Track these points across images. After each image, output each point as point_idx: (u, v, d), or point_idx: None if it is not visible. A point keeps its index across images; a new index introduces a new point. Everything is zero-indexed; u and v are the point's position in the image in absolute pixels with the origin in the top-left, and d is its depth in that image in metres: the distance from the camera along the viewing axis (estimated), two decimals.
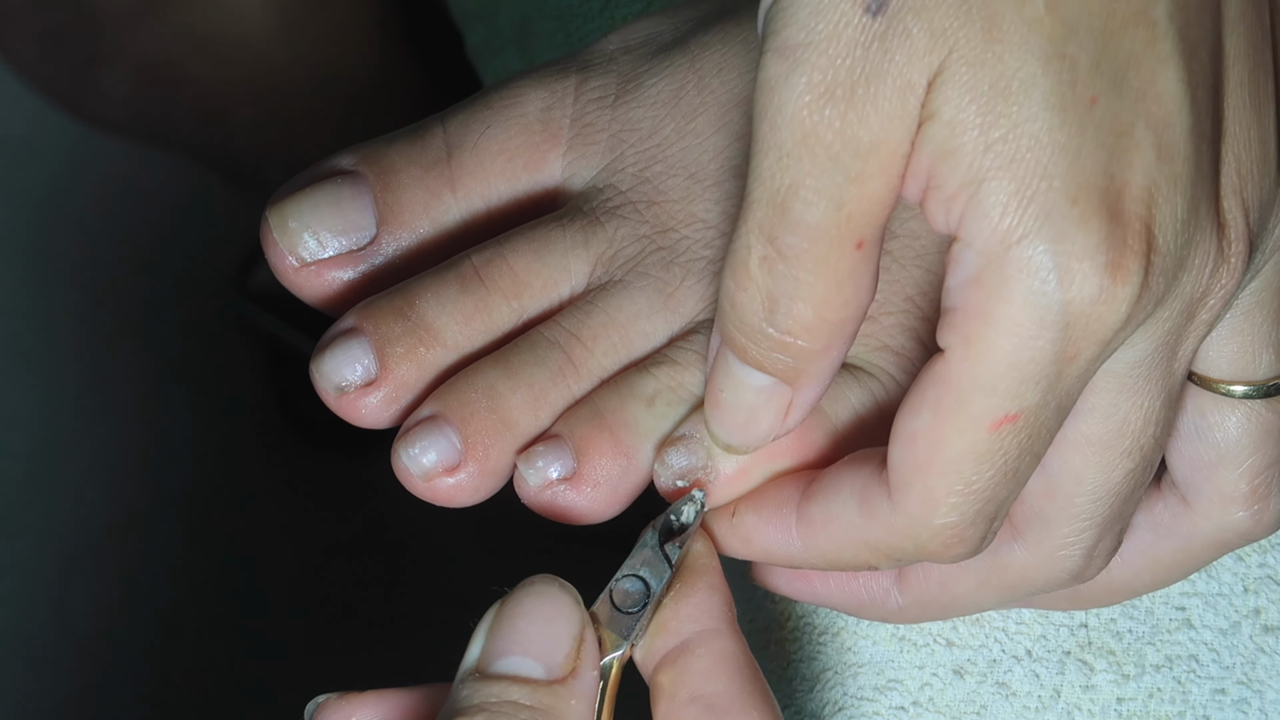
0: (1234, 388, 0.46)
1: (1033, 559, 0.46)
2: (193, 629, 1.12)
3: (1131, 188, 0.40)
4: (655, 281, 0.50)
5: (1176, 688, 0.52)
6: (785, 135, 0.40)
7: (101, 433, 1.14)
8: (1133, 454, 0.44)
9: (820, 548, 0.46)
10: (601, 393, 0.49)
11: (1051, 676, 0.52)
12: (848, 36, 0.40)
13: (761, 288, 0.42)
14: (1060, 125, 0.39)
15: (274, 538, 1.14)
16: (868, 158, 0.40)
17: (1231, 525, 0.47)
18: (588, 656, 0.44)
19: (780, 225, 0.41)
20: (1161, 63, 0.40)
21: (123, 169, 1.15)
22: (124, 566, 1.12)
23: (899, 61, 0.39)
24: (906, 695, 0.52)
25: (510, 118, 0.52)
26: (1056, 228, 0.39)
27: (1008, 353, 0.40)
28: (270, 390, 1.14)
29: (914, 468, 0.42)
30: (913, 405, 0.42)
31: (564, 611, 0.45)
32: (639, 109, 0.52)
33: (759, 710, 0.44)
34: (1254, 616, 0.52)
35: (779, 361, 0.43)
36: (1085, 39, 0.39)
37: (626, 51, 0.53)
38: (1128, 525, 0.46)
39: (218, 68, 1.01)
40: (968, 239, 0.40)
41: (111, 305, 1.15)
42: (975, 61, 0.39)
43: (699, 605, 0.46)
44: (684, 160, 0.51)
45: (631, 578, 0.46)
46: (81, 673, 1.11)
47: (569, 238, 0.50)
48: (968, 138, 0.39)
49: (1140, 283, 0.40)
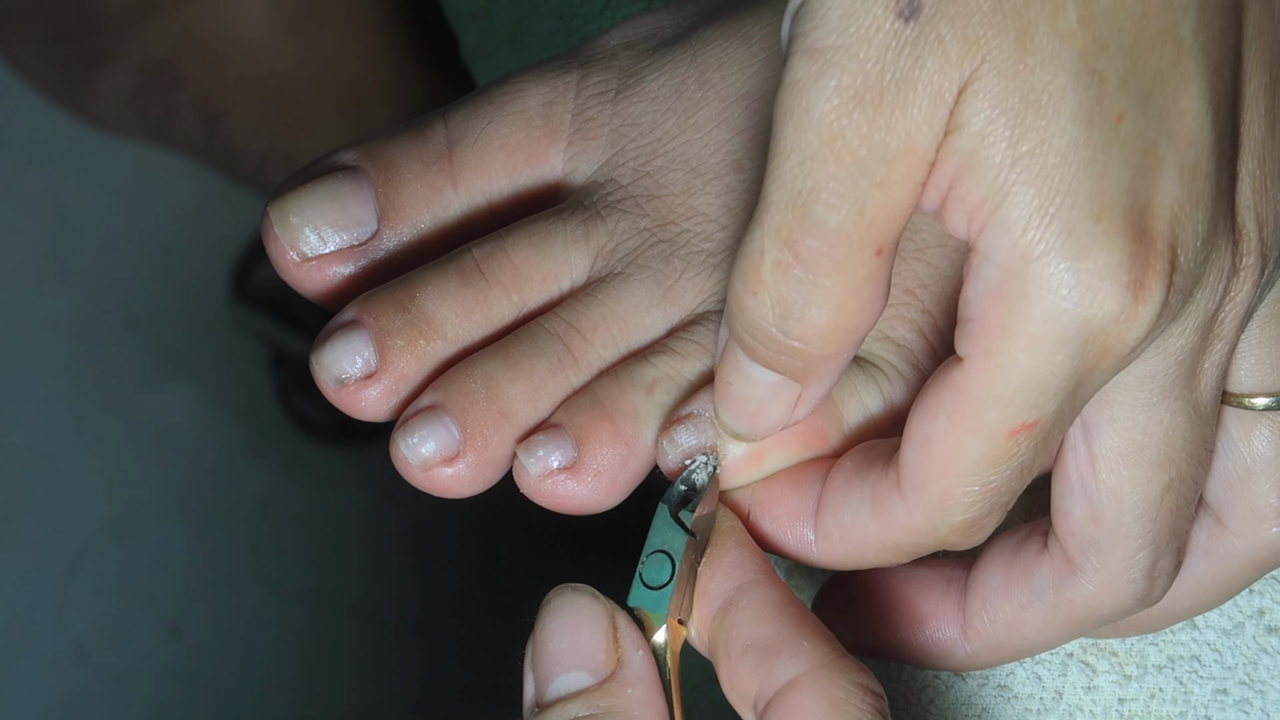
0: (1255, 400, 0.45)
1: (1095, 588, 0.45)
2: (193, 629, 1.12)
3: (1155, 206, 0.40)
4: (655, 274, 0.50)
5: (1178, 688, 0.52)
6: (811, 138, 0.40)
7: (101, 433, 1.14)
8: (1164, 466, 0.43)
9: (840, 557, 0.46)
10: (601, 382, 0.48)
11: (1054, 678, 0.52)
12: (879, 41, 0.39)
13: (773, 292, 0.41)
14: (1087, 141, 0.39)
15: (273, 537, 1.14)
16: (894, 163, 0.40)
17: (1267, 542, 0.46)
18: (628, 643, 0.44)
19: (800, 228, 0.41)
20: (1186, 81, 0.40)
21: (123, 169, 1.15)
22: (124, 566, 1.12)
23: (930, 69, 0.39)
24: (907, 696, 0.52)
25: (511, 113, 0.52)
26: (1079, 244, 0.39)
27: (1026, 366, 0.40)
28: (270, 390, 1.14)
29: (930, 470, 0.42)
30: (928, 409, 0.42)
31: (587, 613, 0.45)
32: (640, 104, 0.51)
33: (811, 640, 0.44)
34: (1258, 617, 0.52)
35: (788, 363, 0.43)
36: (1115, 55, 0.39)
37: (628, 47, 0.53)
38: (1185, 544, 0.46)
39: (218, 68, 1.01)
40: (988, 251, 0.40)
41: (111, 305, 1.15)
42: (1008, 73, 0.39)
43: (732, 563, 0.46)
44: (685, 154, 0.51)
45: (655, 554, 0.46)
46: (81, 673, 1.11)
47: (570, 231, 0.50)
48: (995, 150, 0.39)
49: (1162, 301, 0.40)
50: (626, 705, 0.43)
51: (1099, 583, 0.45)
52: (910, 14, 0.39)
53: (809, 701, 0.42)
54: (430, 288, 0.49)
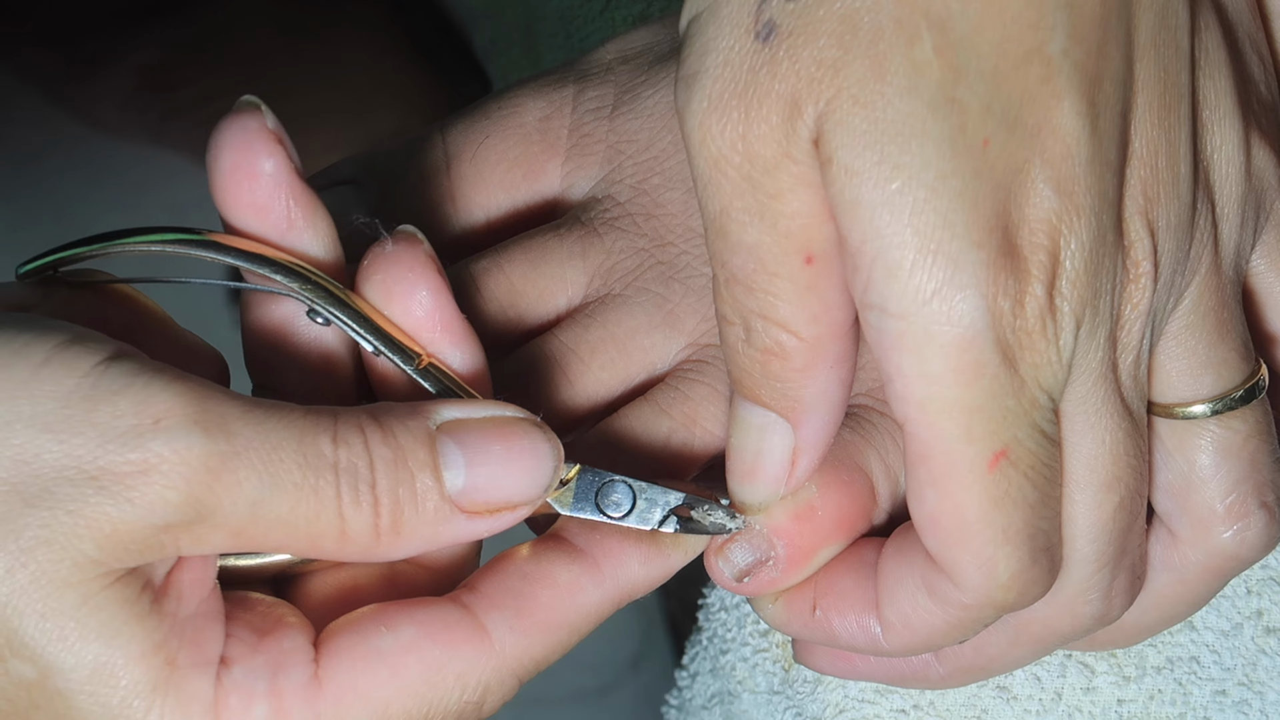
0: (1182, 410, 0.46)
1: (1053, 610, 0.45)
2: None
3: (1032, 221, 0.40)
4: (655, 297, 0.50)
5: (1177, 689, 0.52)
6: (701, 162, 0.41)
7: None
8: (1113, 487, 0.44)
9: (909, 644, 0.46)
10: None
11: (1053, 679, 0.52)
12: (737, 61, 0.40)
13: (734, 311, 0.42)
14: (954, 171, 0.39)
15: None
16: (775, 174, 0.41)
17: (1218, 549, 0.46)
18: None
19: (726, 249, 0.42)
20: (1057, 98, 0.40)
21: (123, 169, 1.15)
22: None
23: (788, 82, 0.40)
24: (907, 698, 0.52)
25: (509, 127, 0.52)
26: (967, 274, 0.40)
27: (963, 400, 0.41)
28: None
29: (953, 545, 0.42)
30: (916, 493, 0.42)
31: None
32: (636, 120, 0.52)
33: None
34: (1256, 618, 0.52)
35: (769, 388, 0.43)
36: (975, 81, 0.40)
37: (624, 61, 0.53)
38: (1142, 562, 0.46)
39: (218, 68, 1.01)
40: (882, 303, 0.40)
41: None
42: (864, 102, 0.40)
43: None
44: (682, 173, 0.51)
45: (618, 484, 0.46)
46: None
47: (566, 248, 0.50)
48: (864, 188, 0.40)
49: (1057, 307, 0.41)
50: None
51: (1056, 605, 0.45)
52: (767, 34, 0.40)
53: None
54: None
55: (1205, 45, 0.44)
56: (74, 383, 0.39)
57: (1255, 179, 0.45)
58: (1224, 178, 0.44)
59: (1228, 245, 0.45)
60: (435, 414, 0.42)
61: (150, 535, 0.39)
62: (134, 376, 0.39)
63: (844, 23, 0.40)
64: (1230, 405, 0.45)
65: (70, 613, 0.39)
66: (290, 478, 0.40)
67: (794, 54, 0.40)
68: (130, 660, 0.40)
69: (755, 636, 0.55)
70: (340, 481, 0.41)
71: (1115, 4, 0.41)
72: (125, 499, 0.39)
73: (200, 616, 0.41)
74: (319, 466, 0.40)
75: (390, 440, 0.42)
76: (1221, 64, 0.44)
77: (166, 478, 0.39)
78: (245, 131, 0.43)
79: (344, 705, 0.42)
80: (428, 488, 0.42)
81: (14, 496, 0.39)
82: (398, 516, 0.41)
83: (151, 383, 0.39)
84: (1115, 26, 0.41)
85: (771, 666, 0.54)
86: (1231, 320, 0.45)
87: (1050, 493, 0.42)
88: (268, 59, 1.01)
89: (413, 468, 0.42)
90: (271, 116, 0.43)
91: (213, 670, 0.41)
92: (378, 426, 0.42)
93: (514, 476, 0.43)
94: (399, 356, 0.44)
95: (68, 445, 0.39)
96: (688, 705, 0.59)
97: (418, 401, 0.43)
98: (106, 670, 0.39)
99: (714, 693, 0.57)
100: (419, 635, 0.42)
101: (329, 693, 0.42)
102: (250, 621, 0.42)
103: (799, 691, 0.53)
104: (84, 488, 0.39)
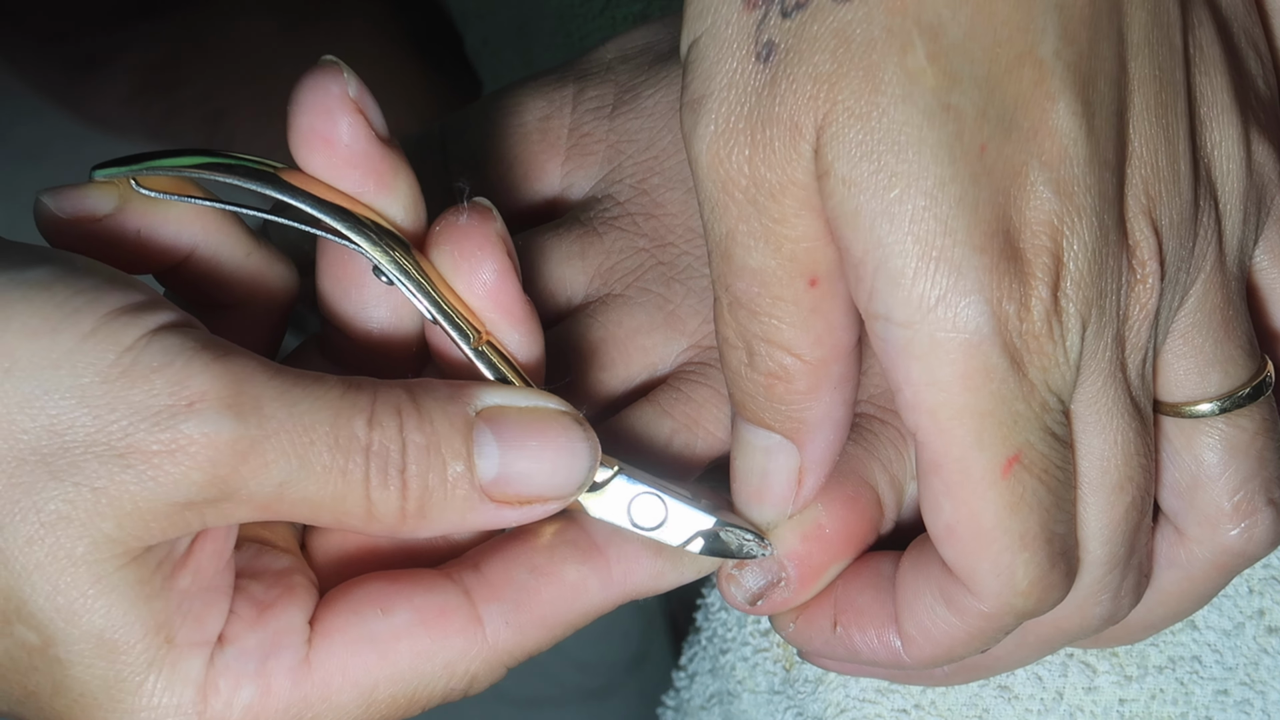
0: (1189, 409, 0.46)
1: (1063, 611, 0.45)
2: None
3: (1033, 224, 0.40)
4: (656, 298, 0.50)
5: (1179, 689, 0.52)
6: (708, 185, 0.41)
7: None
8: (1125, 488, 0.44)
9: (930, 656, 0.46)
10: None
11: (1054, 679, 0.52)
12: (741, 83, 0.41)
13: (737, 335, 0.43)
14: (953, 178, 0.40)
15: None
16: (780, 198, 0.41)
17: (1224, 546, 0.46)
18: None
19: (730, 273, 0.42)
20: (1051, 99, 0.40)
21: None
22: None
23: (789, 103, 0.40)
24: (909, 698, 0.52)
25: (509, 126, 0.52)
26: (970, 279, 0.40)
27: (973, 406, 0.41)
28: None
29: (971, 554, 0.42)
30: (931, 503, 0.42)
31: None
32: (636, 120, 0.52)
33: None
34: (1258, 618, 0.52)
35: (773, 411, 0.43)
36: (969, 87, 0.40)
37: (624, 61, 0.53)
38: (1149, 560, 0.46)
39: (218, 68, 1.01)
40: (887, 312, 0.40)
41: None
42: (860, 114, 0.40)
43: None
44: (682, 173, 0.51)
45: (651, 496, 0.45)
46: None
47: (565, 247, 0.50)
48: (864, 198, 0.40)
49: (1063, 308, 0.41)
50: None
51: (1066, 606, 0.45)
52: (767, 54, 0.40)
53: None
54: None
55: (1199, 42, 0.44)
56: (115, 356, 0.39)
57: (1256, 174, 0.45)
58: (1225, 174, 0.44)
59: (1231, 242, 0.45)
60: (476, 398, 0.43)
61: (173, 512, 0.40)
62: (175, 354, 0.40)
63: (838, 36, 0.40)
64: (1237, 403, 0.45)
65: (81, 590, 0.40)
66: (320, 460, 0.40)
67: (791, 72, 0.40)
68: (132, 640, 0.40)
69: (756, 636, 0.55)
70: (370, 464, 0.41)
71: (1105, 4, 0.41)
72: (150, 478, 0.39)
73: (209, 590, 0.42)
74: (350, 449, 0.41)
75: (425, 426, 0.42)
76: (1217, 60, 0.44)
77: (194, 459, 0.39)
78: (325, 96, 0.43)
79: (331, 688, 0.42)
80: (459, 475, 0.42)
81: (42, 468, 0.39)
82: (425, 501, 0.42)
83: (191, 362, 0.40)
84: (1106, 26, 0.41)
85: (772, 666, 0.54)
86: (1237, 317, 0.45)
87: (1065, 495, 0.42)
88: (268, 59, 1.01)
89: (445, 455, 0.42)
90: (354, 80, 0.43)
91: (208, 650, 0.41)
92: (415, 410, 0.42)
93: (547, 472, 0.43)
94: (456, 332, 0.44)
95: (101, 420, 0.39)
96: (685, 706, 0.58)
97: (461, 382, 0.43)
98: (107, 647, 0.40)
99: (713, 693, 0.57)
100: (413, 621, 0.43)
101: (318, 675, 0.42)
102: (254, 594, 0.43)
103: (800, 691, 0.53)
104: (111, 465, 0.39)
